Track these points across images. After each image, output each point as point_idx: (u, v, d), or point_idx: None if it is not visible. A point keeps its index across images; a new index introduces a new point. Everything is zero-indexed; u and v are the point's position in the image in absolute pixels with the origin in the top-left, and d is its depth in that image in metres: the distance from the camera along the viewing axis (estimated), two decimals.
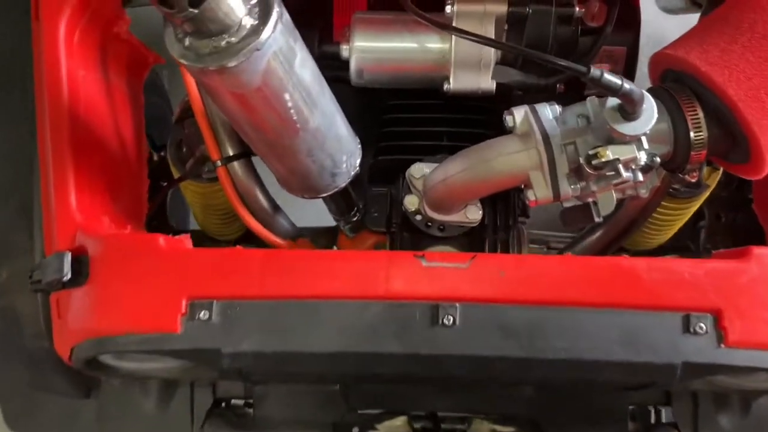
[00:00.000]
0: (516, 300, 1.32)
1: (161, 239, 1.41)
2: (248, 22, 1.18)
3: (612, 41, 1.68)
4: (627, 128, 1.26)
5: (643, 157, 1.31)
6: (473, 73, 1.56)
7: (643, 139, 1.29)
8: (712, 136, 1.36)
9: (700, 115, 1.35)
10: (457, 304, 1.29)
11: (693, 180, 1.44)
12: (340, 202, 1.68)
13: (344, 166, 1.57)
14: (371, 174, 1.74)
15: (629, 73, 1.76)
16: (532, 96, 1.58)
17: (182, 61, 1.19)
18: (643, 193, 1.38)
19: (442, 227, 1.60)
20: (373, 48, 1.60)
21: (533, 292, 1.33)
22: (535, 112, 1.39)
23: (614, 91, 1.21)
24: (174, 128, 1.80)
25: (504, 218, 1.62)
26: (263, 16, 1.19)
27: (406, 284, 1.33)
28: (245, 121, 1.37)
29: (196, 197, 1.88)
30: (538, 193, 1.38)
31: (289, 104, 1.32)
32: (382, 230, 1.69)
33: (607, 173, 1.32)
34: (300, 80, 1.31)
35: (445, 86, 1.60)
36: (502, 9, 1.55)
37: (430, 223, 1.60)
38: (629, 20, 1.73)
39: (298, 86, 1.31)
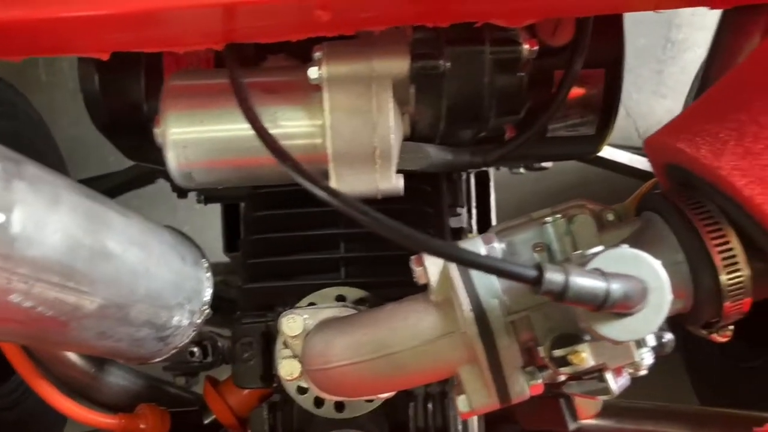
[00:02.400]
0: None
1: None
2: None
3: (587, 62, 1.09)
4: (621, 332, 0.69)
5: (645, 355, 0.76)
6: (366, 168, 0.97)
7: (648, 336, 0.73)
8: (757, 274, 0.81)
9: (735, 245, 0.79)
10: None
11: (726, 339, 0.88)
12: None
13: (176, 321, 1.01)
14: (239, 301, 1.16)
15: (610, 101, 1.17)
16: None
17: None
18: (645, 372, 0.83)
19: (339, 405, 1.04)
20: (200, 138, 0.99)
21: None
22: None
23: (597, 304, 0.65)
24: None
25: None
26: None
27: None
28: None
29: None
30: (475, 398, 0.83)
31: (28, 305, 0.75)
32: (256, 387, 1.13)
33: (586, 377, 0.77)
34: (39, 264, 0.74)
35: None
36: (401, 67, 0.94)
37: (320, 402, 1.04)
38: (609, 33, 1.13)
39: (37, 274, 0.74)
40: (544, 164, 1.68)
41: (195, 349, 1.50)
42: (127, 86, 1.16)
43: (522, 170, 1.57)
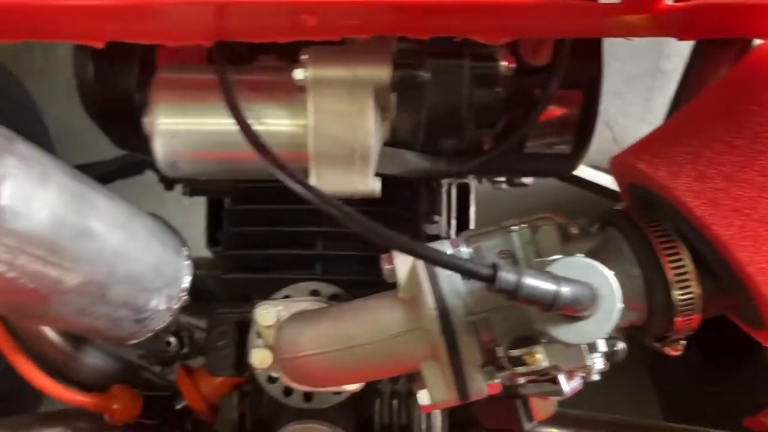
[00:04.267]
0: None
1: None
2: None
3: (565, 83, 1.13)
4: (572, 334, 0.74)
5: (597, 360, 0.79)
6: (344, 169, 1.01)
7: (600, 342, 0.77)
8: (708, 293, 0.85)
9: (688, 263, 0.83)
10: None
11: (677, 353, 0.92)
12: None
13: (154, 305, 1.04)
14: (216, 291, 1.20)
15: (586, 123, 1.21)
16: None
17: None
18: (597, 378, 0.87)
19: (307, 396, 1.07)
20: (187, 129, 1.03)
21: None
22: (429, 266, 0.86)
23: (546, 304, 0.68)
24: None
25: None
26: None
27: None
28: None
29: None
30: (436, 394, 0.86)
31: (11, 275, 0.79)
32: (229, 375, 1.16)
33: (540, 378, 0.81)
34: (24, 236, 0.78)
35: None
36: (382, 74, 0.98)
37: (289, 391, 1.07)
38: (587, 56, 1.17)
39: (21, 247, 0.78)
40: (525, 180, 1.72)
41: (172, 339, 1.53)
42: (121, 76, 1.19)
43: (503, 185, 1.61)
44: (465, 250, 0.88)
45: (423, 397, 0.86)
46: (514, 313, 0.83)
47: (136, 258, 0.98)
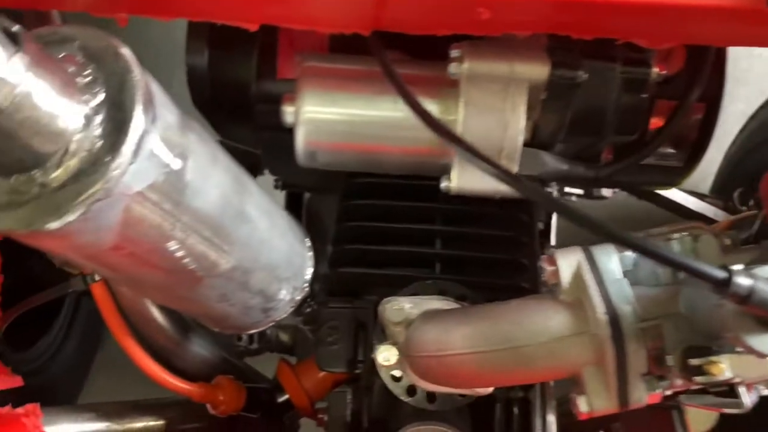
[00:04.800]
0: None
1: None
2: (84, 144, 0.63)
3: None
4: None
5: None
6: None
7: None
8: None
9: None
10: None
11: None
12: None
13: (282, 296, 1.03)
14: (328, 285, 1.17)
15: (704, 137, 1.19)
16: None
17: None
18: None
19: (431, 397, 1.05)
20: (333, 119, 1.01)
21: None
22: (594, 267, 0.84)
23: None
24: None
25: None
26: (114, 133, 0.63)
27: None
28: (112, 277, 0.82)
29: None
30: (595, 401, 0.84)
31: (179, 254, 0.77)
32: (339, 371, 1.14)
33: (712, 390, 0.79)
34: (197, 215, 0.76)
35: (443, 183, 1.03)
36: (541, 72, 0.97)
37: (413, 390, 1.05)
38: (715, 69, 1.15)
39: (193, 226, 0.76)
40: (605, 193, 1.71)
41: (242, 335, 1.52)
42: (238, 64, 1.17)
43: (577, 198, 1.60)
44: (630, 255, 0.86)
45: (582, 403, 0.84)
46: (685, 323, 0.81)
47: (276, 246, 0.97)
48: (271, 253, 0.95)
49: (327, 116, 1.00)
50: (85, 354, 2.11)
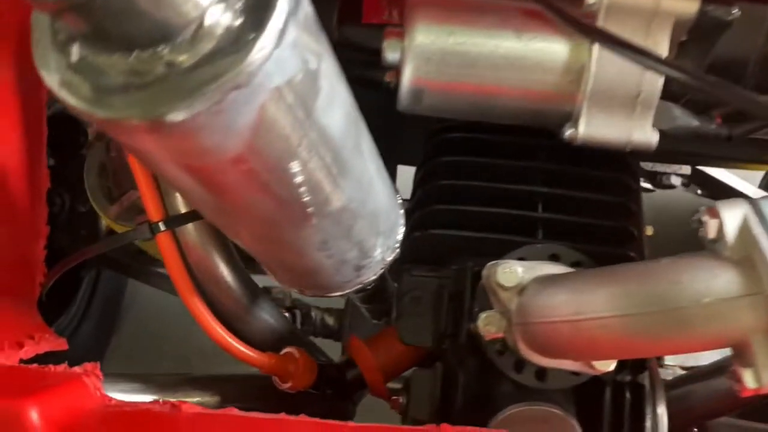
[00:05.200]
0: None
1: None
2: (222, 19, 0.51)
3: None
4: None
5: None
6: (622, 113, 0.88)
7: None
8: None
9: None
10: None
11: None
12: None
13: (377, 253, 0.91)
14: (410, 250, 1.05)
15: None
16: None
17: (67, 98, 0.51)
18: None
19: (541, 373, 0.93)
20: (448, 53, 0.89)
21: None
22: (764, 221, 0.73)
23: None
24: (91, 146, 1.11)
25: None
26: (257, 9, 0.51)
27: None
28: (210, 205, 0.70)
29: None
30: (765, 374, 0.72)
31: (298, 180, 0.65)
32: (424, 344, 1.02)
33: None
34: (324, 135, 0.65)
35: (567, 131, 0.92)
36: (690, 7, 0.85)
37: (520, 365, 0.93)
38: None
39: (318, 146, 0.64)
40: (674, 182, 1.61)
41: (286, 315, 1.40)
42: (320, 11, 1.06)
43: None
44: None
45: (749, 377, 0.73)
46: None
47: (379, 194, 0.85)
48: (377, 199, 0.84)
49: (441, 47, 0.88)
50: (99, 339, 2.03)
